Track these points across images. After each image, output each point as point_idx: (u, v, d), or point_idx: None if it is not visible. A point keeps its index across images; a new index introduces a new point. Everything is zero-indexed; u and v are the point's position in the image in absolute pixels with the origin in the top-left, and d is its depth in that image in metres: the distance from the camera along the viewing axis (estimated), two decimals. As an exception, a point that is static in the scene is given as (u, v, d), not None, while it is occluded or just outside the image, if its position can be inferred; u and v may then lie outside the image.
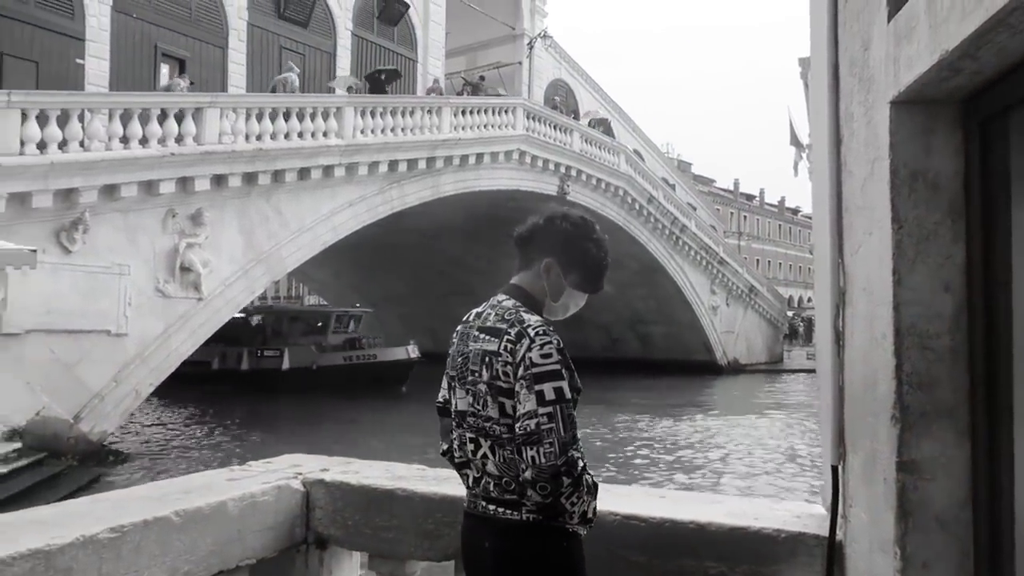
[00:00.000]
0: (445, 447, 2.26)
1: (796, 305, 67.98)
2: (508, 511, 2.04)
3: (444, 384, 2.26)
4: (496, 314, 2.12)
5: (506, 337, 2.03)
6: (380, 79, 23.66)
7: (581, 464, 1.98)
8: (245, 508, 2.60)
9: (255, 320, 28.54)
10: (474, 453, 2.11)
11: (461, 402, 2.14)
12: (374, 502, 2.77)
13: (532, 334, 2.00)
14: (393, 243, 29.98)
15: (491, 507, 2.08)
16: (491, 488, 2.08)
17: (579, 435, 2.01)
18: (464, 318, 2.24)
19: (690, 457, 15.11)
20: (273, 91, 20.42)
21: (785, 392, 28.50)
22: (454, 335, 2.23)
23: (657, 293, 32.38)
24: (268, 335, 27.63)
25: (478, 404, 2.08)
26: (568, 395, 1.96)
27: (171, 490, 2.65)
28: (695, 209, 37.82)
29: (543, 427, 1.94)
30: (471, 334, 2.15)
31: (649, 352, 34.30)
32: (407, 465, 3.12)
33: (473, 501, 2.15)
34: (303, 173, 17.14)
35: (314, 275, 35.19)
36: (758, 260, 67.78)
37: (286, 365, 25.57)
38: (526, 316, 2.06)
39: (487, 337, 2.09)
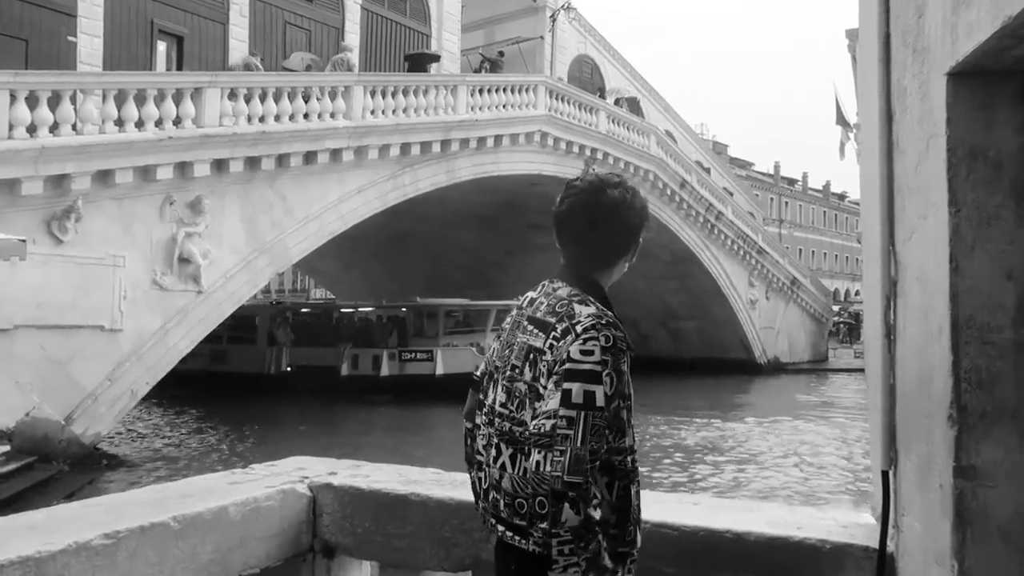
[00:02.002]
0: (469, 425, 2.19)
1: (843, 298, 67.54)
2: (516, 537, 1.95)
3: (482, 365, 2.19)
4: (548, 304, 2.03)
5: (552, 334, 1.95)
6: (421, 62, 24.11)
7: (598, 500, 1.82)
8: (248, 513, 2.62)
9: (386, 315, 26.99)
10: (494, 460, 2.02)
11: (496, 398, 2.05)
12: (385, 508, 2.78)
13: (579, 330, 1.91)
14: (406, 233, 30.07)
15: (499, 528, 2.00)
16: (501, 506, 1.99)
17: (631, 445, 1.90)
18: (519, 302, 2.16)
19: (727, 463, 15.06)
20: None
21: (831, 394, 28.31)
22: (506, 320, 2.15)
23: (690, 286, 32.26)
24: (409, 333, 25.76)
25: (512, 404, 2.00)
26: (600, 403, 1.84)
27: (169, 494, 2.67)
28: (732, 195, 37.62)
29: (559, 431, 1.84)
30: (521, 323, 2.06)
31: (682, 350, 34.20)
32: (421, 468, 3.13)
33: (483, 515, 2.09)
34: (309, 157, 17.23)
35: (321, 267, 35.39)
36: (801, 250, 67.30)
37: (440, 370, 23.91)
38: (578, 309, 1.96)
39: (534, 330, 2.01)
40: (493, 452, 2.04)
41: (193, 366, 27.60)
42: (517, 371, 2.00)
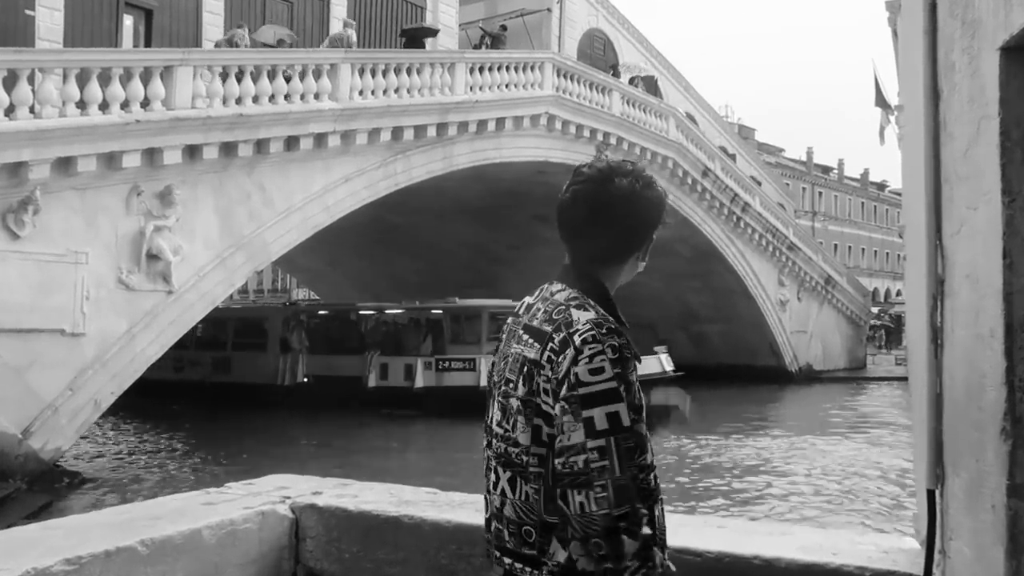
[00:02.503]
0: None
1: (883, 299, 67.48)
2: (528, 569, 1.96)
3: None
4: (545, 311, 2.03)
5: (550, 345, 1.95)
6: (418, 37, 24.08)
7: (646, 519, 1.86)
8: (224, 537, 2.62)
9: (420, 318, 26.56)
10: (494, 486, 2.04)
11: (493, 416, 2.07)
12: (376, 531, 2.78)
13: (578, 342, 1.91)
14: (399, 227, 30.05)
15: (507, 560, 2.00)
16: (506, 536, 2.00)
17: (652, 462, 1.91)
18: (515, 309, 2.17)
19: (754, 482, 15.05)
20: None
21: (869, 405, 28.28)
22: (503, 330, 2.17)
23: (714, 285, 32.25)
24: (446, 339, 25.33)
25: (507, 423, 2.01)
26: (626, 422, 1.87)
27: (137, 515, 2.67)
28: (759, 184, 37.59)
29: (593, 466, 1.85)
30: (517, 333, 2.07)
31: (704, 356, 34.17)
32: (415, 488, 3.13)
33: (488, 548, 2.09)
34: (291, 143, 17.24)
35: (304, 264, 35.42)
36: (836, 245, 67.26)
37: (484, 381, 23.13)
38: (576, 315, 1.96)
39: (530, 340, 2.01)
40: (492, 476, 2.05)
41: (191, 376, 27.76)
42: (511, 386, 2.01)
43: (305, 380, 25.97)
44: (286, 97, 17.14)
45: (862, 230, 73.35)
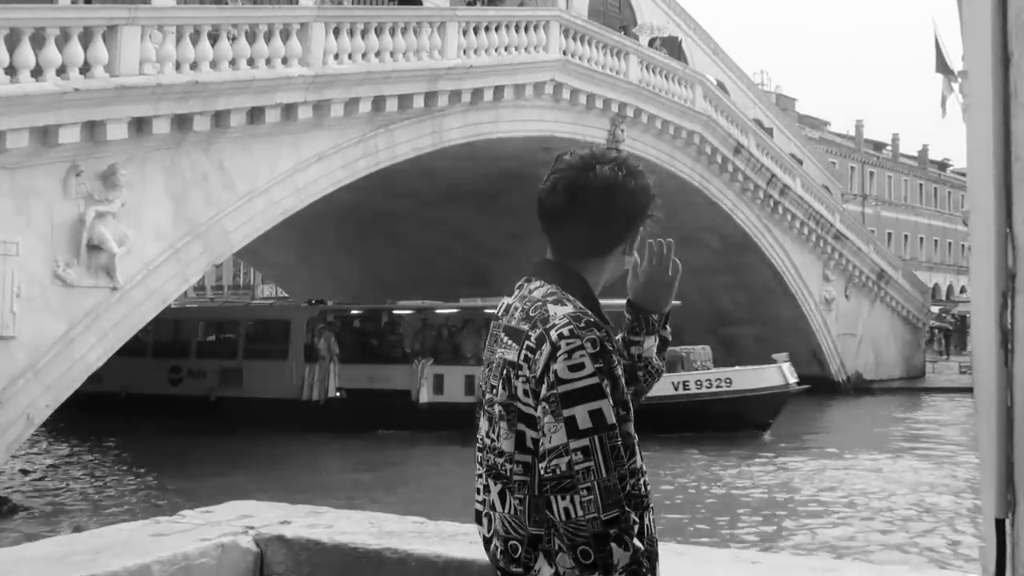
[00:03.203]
0: None
1: (944, 297, 67.50)
2: None
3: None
4: (522, 309, 2.18)
5: (526, 343, 2.10)
6: None
7: (637, 527, 1.99)
8: (176, 574, 2.62)
9: (478, 319, 26.44)
10: (485, 501, 2.18)
11: (482, 426, 2.22)
12: (354, 567, 2.78)
13: (555, 337, 2.04)
14: (381, 214, 30.08)
15: None
16: (498, 555, 2.13)
17: (642, 466, 2.05)
18: (496, 311, 2.32)
19: (795, 510, 15.07)
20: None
21: (929, 420, 28.29)
22: (487, 337, 2.32)
23: (747, 281, 32.26)
24: None
25: (493, 432, 2.15)
26: (611, 420, 1.99)
27: (75, 548, 2.67)
28: (801, 163, 37.62)
29: (577, 467, 1.97)
30: (499, 336, 2.22)
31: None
32: (399, 517, 3.13)
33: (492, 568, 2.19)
34: (255, 115, 17.24)
35: (272, 258, 35.47)
36: (890, 234, 67.31)
37: None
38: (553, 310, 2.10)
39: (509, 341, 2.16)
40: (483, 493, 2.19)
41: (192, 389, 27.48)
42: (494, 392, 2.16)
43: (338, 395, 25.71)
44: (249, 62, 17.13)
45: (920, 216, 73.36)
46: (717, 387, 23.47)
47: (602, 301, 2.25)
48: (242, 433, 22.70)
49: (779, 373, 23.89)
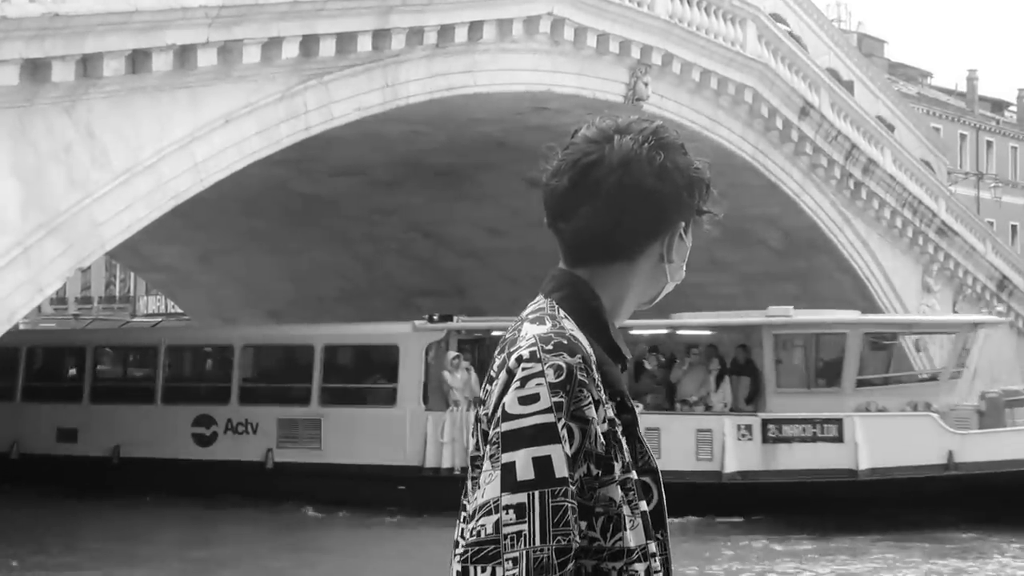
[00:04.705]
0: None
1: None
2: None
3: None
4: (510, 330, 2.25)
5: (489, 373, 2.19)
6: None
7: None
8: None
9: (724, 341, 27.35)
10: None
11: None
12: None
13: (512, 362, 2.11)
14: (313, 199, 29.87)
15: None
16: None
17: (644, 544, 2.09)
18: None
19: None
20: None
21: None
22: None
23: (817, 290, 32.21)
24: (766, 381, 26.56)
25: (465, 497, 2.22)
26: (562, 472, 2.02)
27: None
28: (892, 129, 37.63)
29: (506, 530, 2.00)
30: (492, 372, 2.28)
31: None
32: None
33: None
34: (138, 61, 17.18)
35: (160, 259, 35.34)
36: (1015, 227, 67.28)
37: (864, 462, 24.76)
38: (525, 330, 2.17)
39: (487, 376, 2.23)
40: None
41: (237, 451, 27.26)
42: (472, 445, 2.23)
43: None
44: (129, -13, 17.11)
45: (1056, 203, 73.50)
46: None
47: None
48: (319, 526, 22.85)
49: None
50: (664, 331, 27.17)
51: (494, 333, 27.75)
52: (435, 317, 27.14)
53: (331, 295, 32.87)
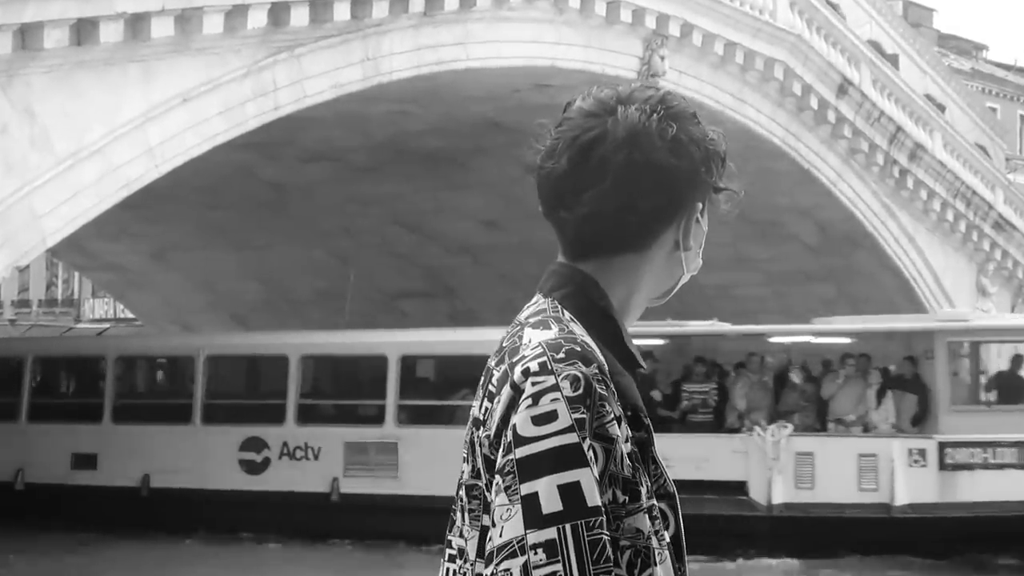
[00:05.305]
0: None
1: None
2: None
3: None
4: (502, 339, 2.23)
5: (488, 387, 2.15)
6: None
7: None
8: None
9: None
10: None
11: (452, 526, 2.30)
12: None
13: (518, 375, 2.06)
14: (284, 188, 29.86)
15: None
16: None
17: None
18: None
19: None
20: None
21: None
22: None
23: (856, 293, 32.38)
24: (937, 400, 25.71)
25: (452, 531, 2.25)
26: (594, 499, 1.97)
27: None
28: (943, 110, 37.61)
29: (538, 573, 1.95)
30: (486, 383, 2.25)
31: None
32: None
33: None
34: (83, 31, 17.14)
35: (108, 256, 35.34)
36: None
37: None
38: (528, 335, 2.13)
39: (479, 389, 2.22)
40: None
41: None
42: (462, 470, 2.23)
43: None
44: (74, -53, 17.12)
45: None
46: None
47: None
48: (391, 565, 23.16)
49: None
50: (809, 338, 26.88)
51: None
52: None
53: (304, 297, 32.92)
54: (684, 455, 23.11)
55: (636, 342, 2.18)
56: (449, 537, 2.25)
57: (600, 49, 24.08)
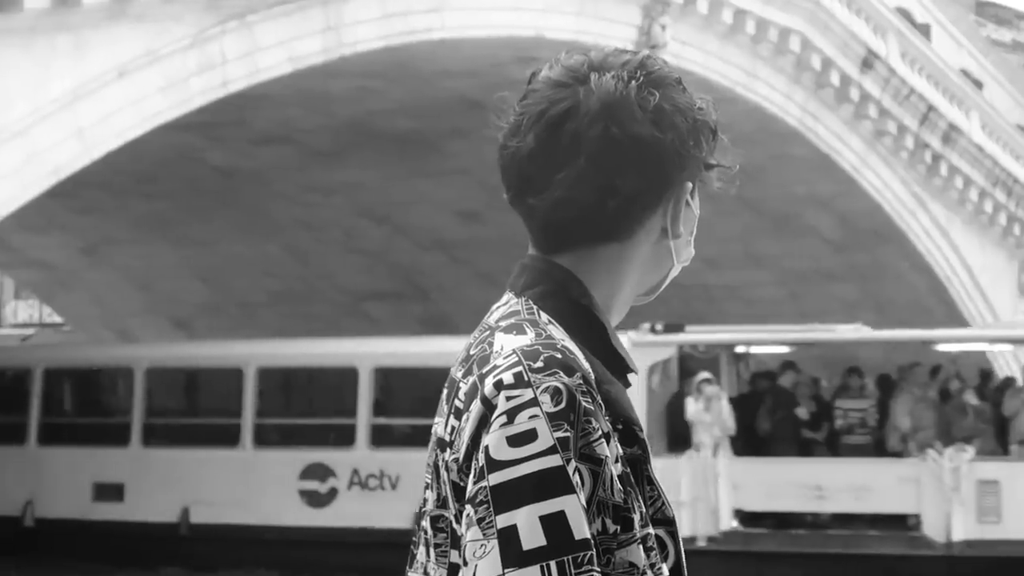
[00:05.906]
0: None
1: None
2: None
3: None
4: (467, 345, 2.21)
5: (454, 402, 2.12)
6: None
7: None
8: None
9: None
10: None
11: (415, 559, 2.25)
12: None
13: (489, 389, 2.02)
14: (233, 175, 29.81)
15: None
16: None
17: None
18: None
19: None
20: None
21: None
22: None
23: (881, 294, 32.51)
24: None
25: (416, 566, 2.21)
26: (582, 531, 1.93)
27: None
28: (980, 87, 37.71)
29: None
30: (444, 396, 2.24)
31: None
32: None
33: None
34: (5, -4, 17.22)
35: (33, 251, 35.35)
36: None
37: None
38: (500, 341, 2.10)
39: (443, 404, 2.20)
40: None
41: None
42: (425, 498, 2.21)
43: (734, 526, 25.31)
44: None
45: None
46: None
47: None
48: None
49: None
50: (984, 346, 26.81)
51: (750, 349, 27.23)
52: (658, 327, 26.01)
53: (256, 299, 32.95)
54: (839, 483, 23.47)
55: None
56: (410, 574, 2.23)
57: (594, 17, 24.11)
